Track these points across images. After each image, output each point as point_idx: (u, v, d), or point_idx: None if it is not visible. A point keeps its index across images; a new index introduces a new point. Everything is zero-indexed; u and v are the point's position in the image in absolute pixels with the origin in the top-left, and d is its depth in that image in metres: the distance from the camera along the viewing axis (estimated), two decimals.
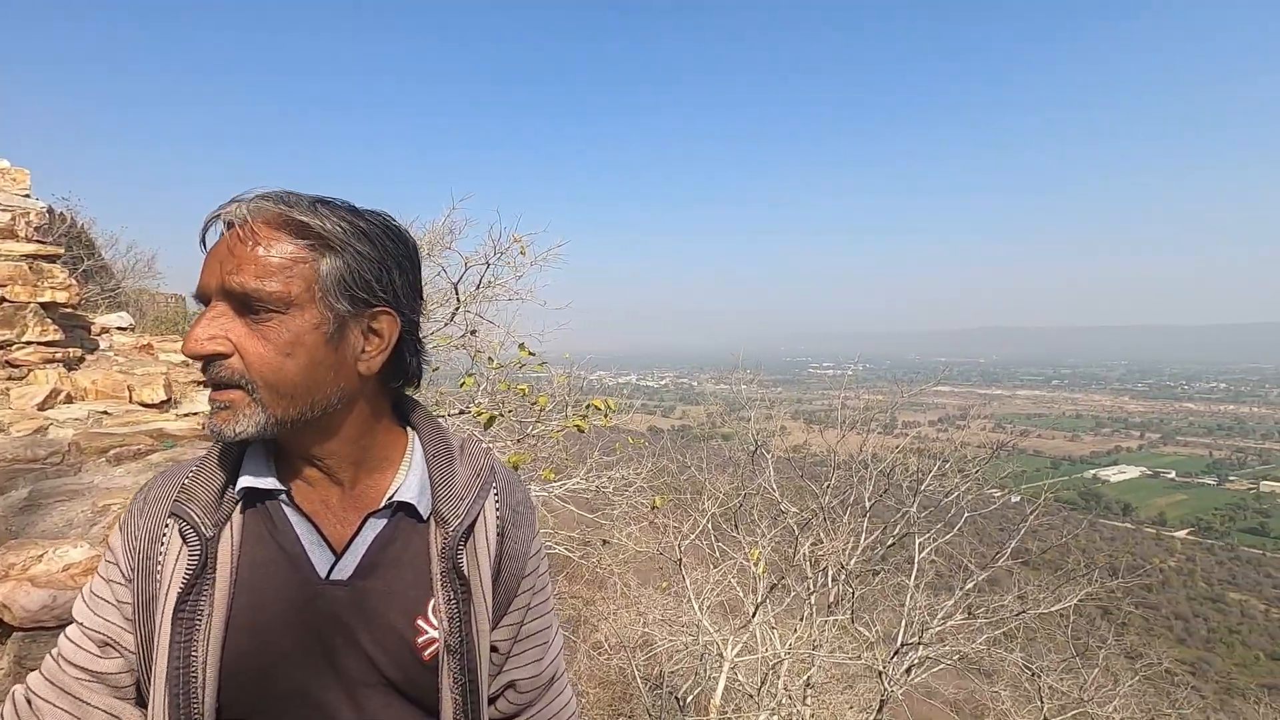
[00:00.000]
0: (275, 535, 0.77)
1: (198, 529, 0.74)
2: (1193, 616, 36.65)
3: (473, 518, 0.82)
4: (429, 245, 5.63)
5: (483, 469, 0.87)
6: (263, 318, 0.70)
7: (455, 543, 0.80)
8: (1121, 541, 43.37)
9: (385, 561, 0.79)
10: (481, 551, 0.83)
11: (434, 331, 5.03)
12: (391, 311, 0.77)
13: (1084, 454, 76.50)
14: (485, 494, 0.85)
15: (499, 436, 4.80)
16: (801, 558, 7.13)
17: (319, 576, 0.76)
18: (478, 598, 0.81)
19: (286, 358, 0.70)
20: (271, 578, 0.76)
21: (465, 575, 0.80)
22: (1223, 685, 26.06)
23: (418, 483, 0.81)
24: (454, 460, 0.86)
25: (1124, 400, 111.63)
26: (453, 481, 0.83)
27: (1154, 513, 55.66)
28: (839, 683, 7.63)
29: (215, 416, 0.72)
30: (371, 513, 0.79)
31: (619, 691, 7.74)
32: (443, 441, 0.87)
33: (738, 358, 9.73)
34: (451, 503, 0.82)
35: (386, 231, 0.77)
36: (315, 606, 0.76)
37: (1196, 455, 74.88)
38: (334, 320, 0.73)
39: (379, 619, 0.77)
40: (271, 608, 0.75)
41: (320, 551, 0.77)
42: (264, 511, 0.78)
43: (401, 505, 0.80)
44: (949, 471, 8.04)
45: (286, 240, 0.71)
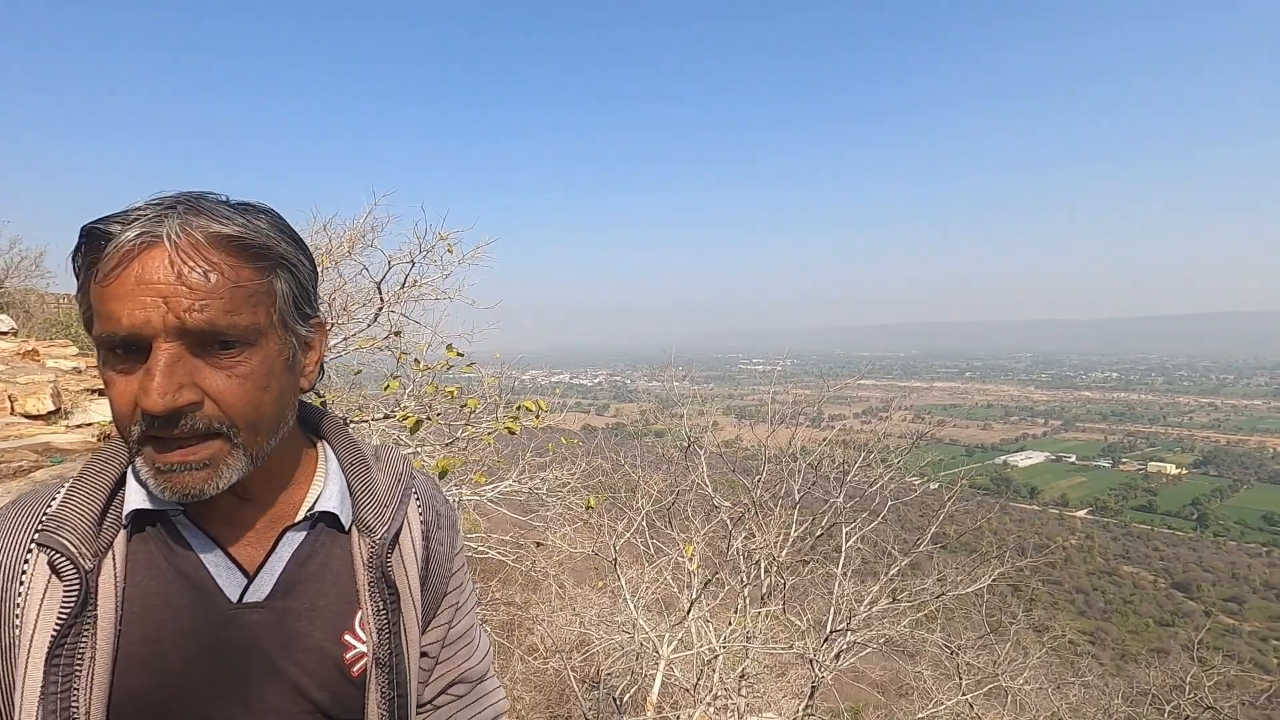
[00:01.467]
0: (173, 561, 0.69)
1: (74, 560, 0.65)
2: (1091, 590, 39.57)
3: (399, 524, 0.79)
4: (350, 243, 5.40)
5: (402, 474, 0.84)
6: (232, 354, 0.63)
7: (384, 551, 0.76)
8: (1029, 523, 46.32)
9: (306, 577, 0.74)
10: (409, 557, 0.80)
11: (356, 333, 4.84)
12: (322, 320, 0.75)
13: (995, 441, 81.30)
14: (408, 499, 0.82)
15: (426, 441, 4.65)
16: (735, 552, 7.26)
17: (229, 601, 0.70)
18: (407, 606, 0.78)
19: (264, 392, 0.66)
20: (170, 608, 0.68)
21: (395, 584, 0.77)
22: (1118, 652, 28.23)
23: (338, 492, 0.77)
24: (371, 467, 0.82)
25: (1030, 390, 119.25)
26: (374, 488, 0.80)
27: (1057, 495, 59.75)
28: (772, 672, 7.82)
29: (185, 479, 0.63)
30: (288, 527, 0.74)
31: (555, 694, 7.68)
32: (357, 449, 0.83)
33: (670, 355, 9.81)
34: (376, 510, 0.78)
35: (298, 234, 0.72)
36: (226, 635, 0.69)
37: (1093, 440, 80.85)
38: (294, 343, 0.69)
39: (302, 639, 0.72)
40: (172, 642, 0.67)
41: (229, 574, 0.71)
42: (157, 536, 0.70)
43: (322, 517, 0.76)
44: (873, 462, 8.36)
45: (244, 264, 0.63)
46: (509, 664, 6.85)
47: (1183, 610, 36.85)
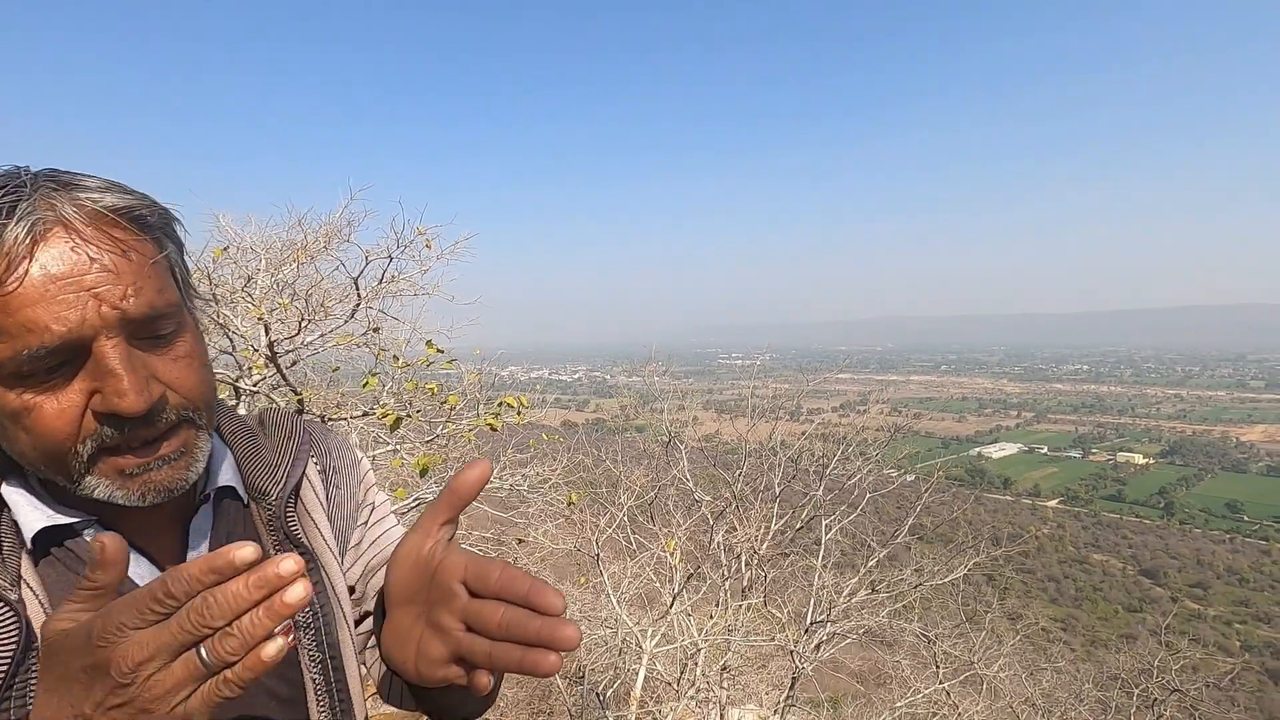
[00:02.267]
0: None
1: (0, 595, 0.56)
2: (1063, 578, 40.48)
3: (295, 480, 0.75)
4: (325, 238, 5.31)
5: (293, 431, 0.80)
6: (170, 335, 0.59)
7: (282, 512, 0.73)
8: (1003, 513, 47.23)
9: None
10: (315, 509, 0.77)
11: (333, 329, 4.76)
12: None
13: (970, 434, 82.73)
14: (303, 455, 0.78)
15: (407, 438, 4.61)
16: (716, 546, 7.30)
17: None
18: (326, 558, 0.76)
19: (206, 369, 0.62)
20: None
21: (301, 542, 0.73)
22: (1089, 638, 28.92)
23: (227, 465, 0.73)
24: (255, 433, 0.78)
25: (1003, 383, 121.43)
26: (260, 452, 0.76)
27: (1030, 485, 61.00)
28: (753, 664, 7.89)
29: (163, 475, 0.59)
30: (190, 516, 0.69)
31: (538, 690, 7.67)
32: (237, 418, 0.79)
33: (650, 350, 9.82)
34: (265, 472, 0.74)
35: None
36: None
37: (1065, 431, 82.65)
38: (196, 314, 0.65)
39: None
40: None
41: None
42: (66, 556, 0.61)
43: (221, 494, 0.72)
44: (852, 455, 8.46)
45: (144, 237, 0.58)
46: None
47: (1150, 596, 37.87)
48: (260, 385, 4.30)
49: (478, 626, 0.52)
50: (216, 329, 4.16)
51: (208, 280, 4.14)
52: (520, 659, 0.50)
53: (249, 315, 3.99)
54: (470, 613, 0.53)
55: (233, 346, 4.44)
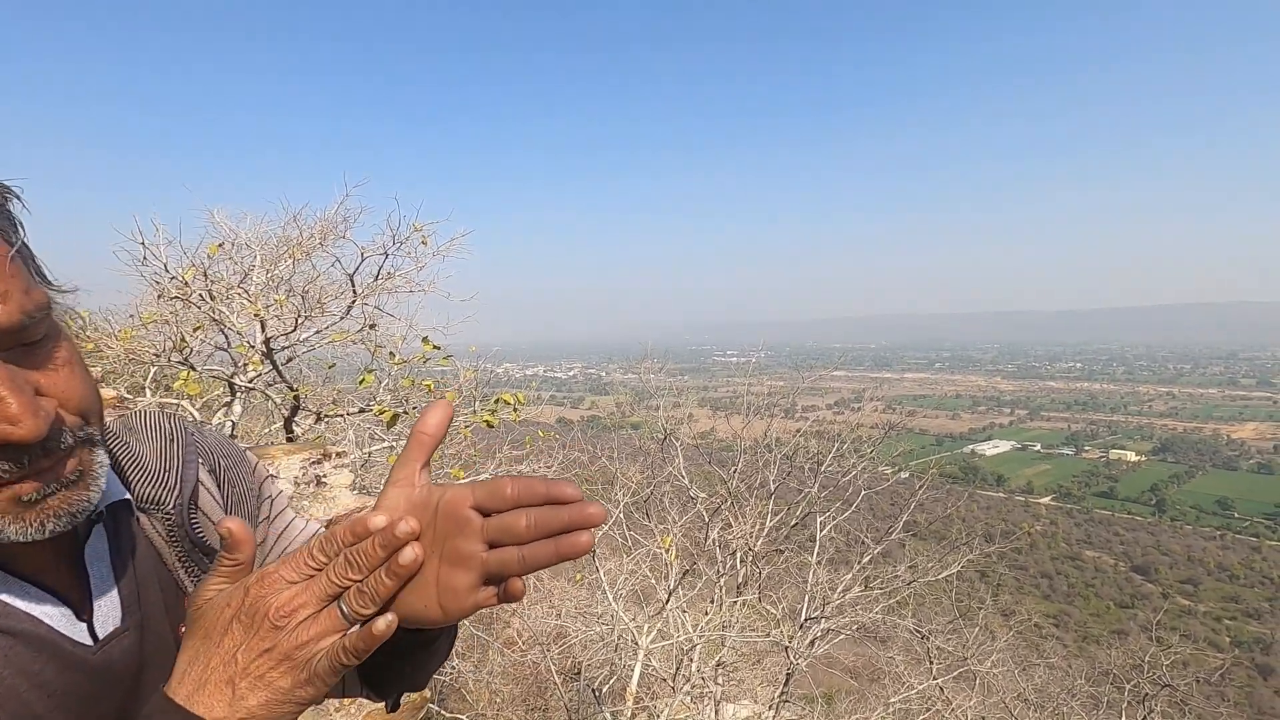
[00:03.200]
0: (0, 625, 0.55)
1: None
2: (1055, 574, 40.70)
3: (191, 484, 0.70)
4: (321, 234, 5.30)
5: (175, 432, 0.74)
6: (44, 344, 0.51)
7: (185, 519, 0.68)
8: (996, 510, 47.45)
9: (144, 578, 0.65)
10: (213, 512, 0.73)
11: (329, 326, 4.76)
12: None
13: (963, 431, 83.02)
14: (194, 457, 0.73)
15: (403, 435, 4.61)
16: (712, 543, 7.33)
17: (87, 647, 0.58)
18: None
19: (89, 375, 0.55)
20: (23, 673, 0.54)
21: (210, 548, 0.69)
22: (1080, 634, 29.13)
23: (110, 478, 0.64)
24: (128, 439, 0.71)
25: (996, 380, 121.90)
26: (142, 459, 0.69)
27: (1023, 482, 61.26)
28: (748, 660, 7.93)
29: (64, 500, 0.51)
30: (84, 542, 0.61)
31: (533, 686, 7.69)
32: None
33: (646, 348, 9.83)
34: (152, 479, 0.68)
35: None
36: (103, 679, 0.58)
37: (1058, 429, 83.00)
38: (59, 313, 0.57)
39: (164, 646, 0.63)
40: (44, 705, 0.54)
41: (65, 617, 0.58)
42: None
43: (113, 509, 0.64)
44: (846, 452, 8.49)
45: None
46: (487, 656, 6.84)
47: (1142, 593, 38.14)
48: (255, 382, 4.29)
49: (505, 538, 0.53)
50: (212, 325, 4.15)
51: (203, 276, 4.13)
52: (555, 548, 0.51)
53: (245, 311, 3.98)
54: (494, 528, 0.53)
55: (228, 343, 4.43)
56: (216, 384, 4.70)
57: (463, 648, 6.74)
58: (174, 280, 4.13)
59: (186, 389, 3.66)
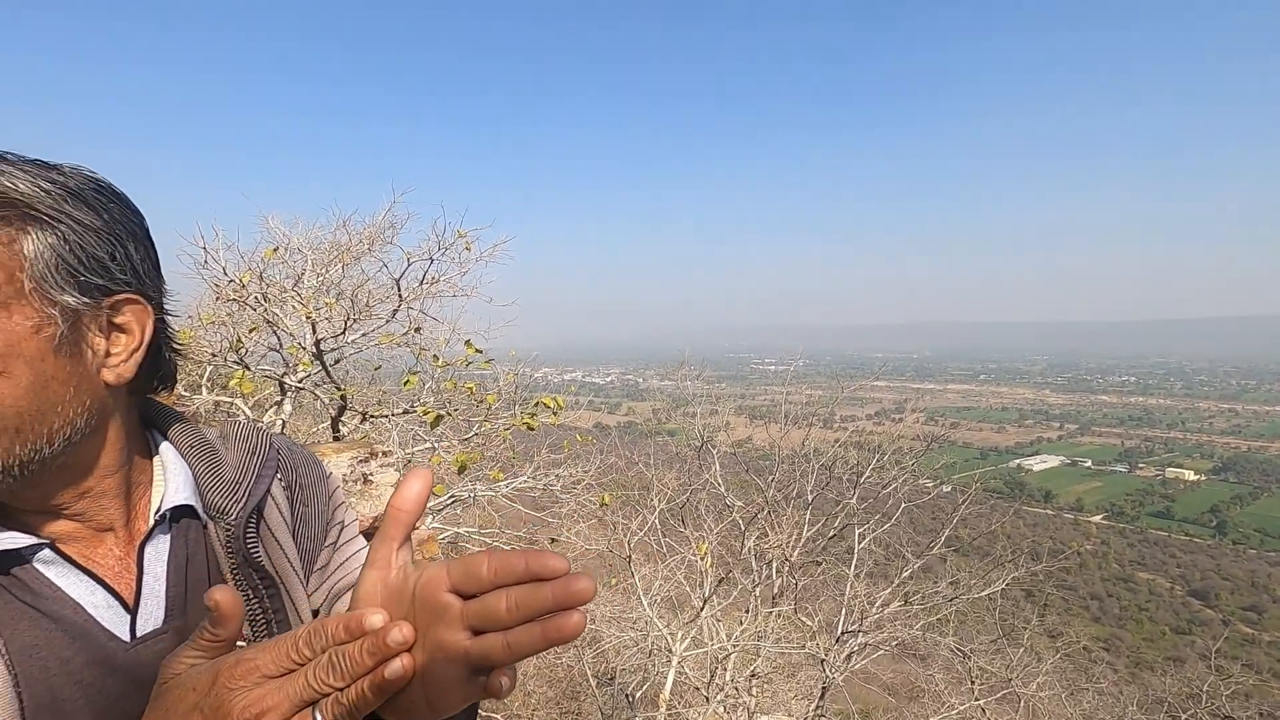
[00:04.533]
0: (44, 607, 0.57)
1: None
2: (1106, 596, 39.13)
3: (257, 499, 0.70)
4: (369, 240, 5.47)
5: (258, 446, 0.75)
6: None
7: (241, 532, 0.67)
8: (1043, 527, 45.89)
9: (194, 585, 0.66)
10: (279, 529, 0.72)
11: (375, 329, 4.89)
12: (139, 298, 0.60)
13: (1009, 444, 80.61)
14: (269, 471, 0.73)
15: (445, 436, 4.71)
16: (747, 551, 7.27)
17: (123, 643, 0.59)
18: (290, 582, 0.71)
19: (15, 391, 0.52)
20: (56, 660, 0.56)
21: (261, 566, 0.68)
22: (1133, 659, 27.93)
23: (184, 483, 0.67)
24: (217, 448, 0.73)
25: (1045, 393, 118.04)
26: (221, 469, 0.70)
27: (1072, 499, 59.14)
28: (782, 672, 7.83)
29: None
30: (144, 540, 0.63)
31: (566, 689, 7.72)
32: (195, 432, 0.73)
33: (683, 354, 9.83)
34: (224, 489, 0.69)
35: (104, 192, 0.59)
36: (131, 679, 0.59)
37: (1110, 444, 79.93)
38: (61, 318, 0.54)
39: None
40: (71, 697, 0.56)
41: (111, 611, 0.60)
42: (12, 581, 0.56)
43: (178, 514, 0.66)
44: (886, 464, 8.34)
45: None
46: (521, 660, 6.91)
47: (1200, 618, 36.39)
48: (305, 382, 4.44)
49: (486, 623, 0.46)
50: (266, 326, 4.31)
51: (259, 280, 4.29)
52: (542, 632, 0.44)
53: (297, 314, 4.13)
54: (472, 613, 0.46)
55: (280, 344, 4.59)
56: (268, 383, 4.87)
57: None
58: (231, 283, 4.30)
59: (241, 387, 3.81)
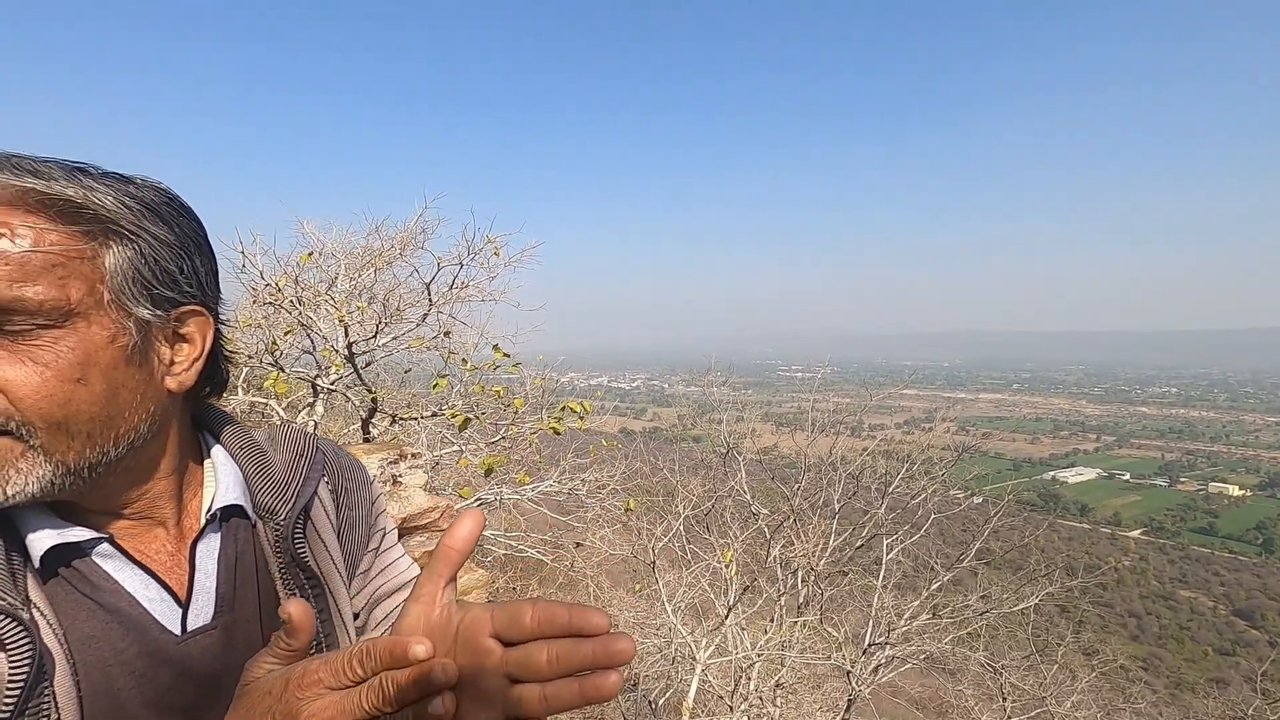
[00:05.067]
0: (101, 599, 0.59)
1: (13, 615, 0.53)
2: (1145, 614, 37.90)
3: (305, 500, 0.72)
4: (401, 245, 5.56)
5: (305, 448, 0.77)
6: (27, 335, 0.52)
7: (289, 533, 0.70)
8: (1079, 541, 44.68)
9: (241, 584, 0.68)
10: (326, 531, 0.74)
11: (406, 332, 4.97)
12: (203, 310, 0.64)
13: (1043, 456, 78.68)
14: (316, 474, 0.75)
15: (472, 439, 4.75)
16: (773, 560, 7.20)
17: (174, 636, 0.62)
18: (334, 584, 0.73)
19: (78, 385, 0.54)
20: (112, 650, 0.58)
21: (308, 566, 0.70)
22: (1173, 680, 27.02)
23: (234, 483, 0.70)
24: (266, 450, 0.75)
25: (1081, 404, 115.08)
26: (270, 469, 0.72)
27: (1109, 513, 57.46)
28: (808, 683, 7.73)
29: None
30: (196, 538, 0.66)
31: None
32: (245, 434, 0.75)
33: (710, 360, 9.81)
34: (273, 490, 0.71)
35: (175, 205, 0.62)
36: (180, 672, 0.61)
37: (1149, 457, 77.53)
38: (135, 329, 0.57)
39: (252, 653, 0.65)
40: (125, 686, 0.58)
41: (164, 605, 0.62)
42: (73, 574, 0.59)
43: (229, 513, 0.69)
44: (916, 474, 8.21)
45: (49, 226, 0.53)
46: None
47: (1245, 639, 35.04)
48: (337, 384, 4.52)
49: (526, 673, 0.47)
50: (300, 329, 4.40)
51: (294, 284, 4.40)
52: (580, 689, 0.45)
53: (330, 317, 4.21)
54: (513, 662, 0.47)
55: (313, 346, 4.69)
56: (302, 385, 4.97)
57: None
58: (267, 287, 4.41)
59: (276, 389, 3.90)
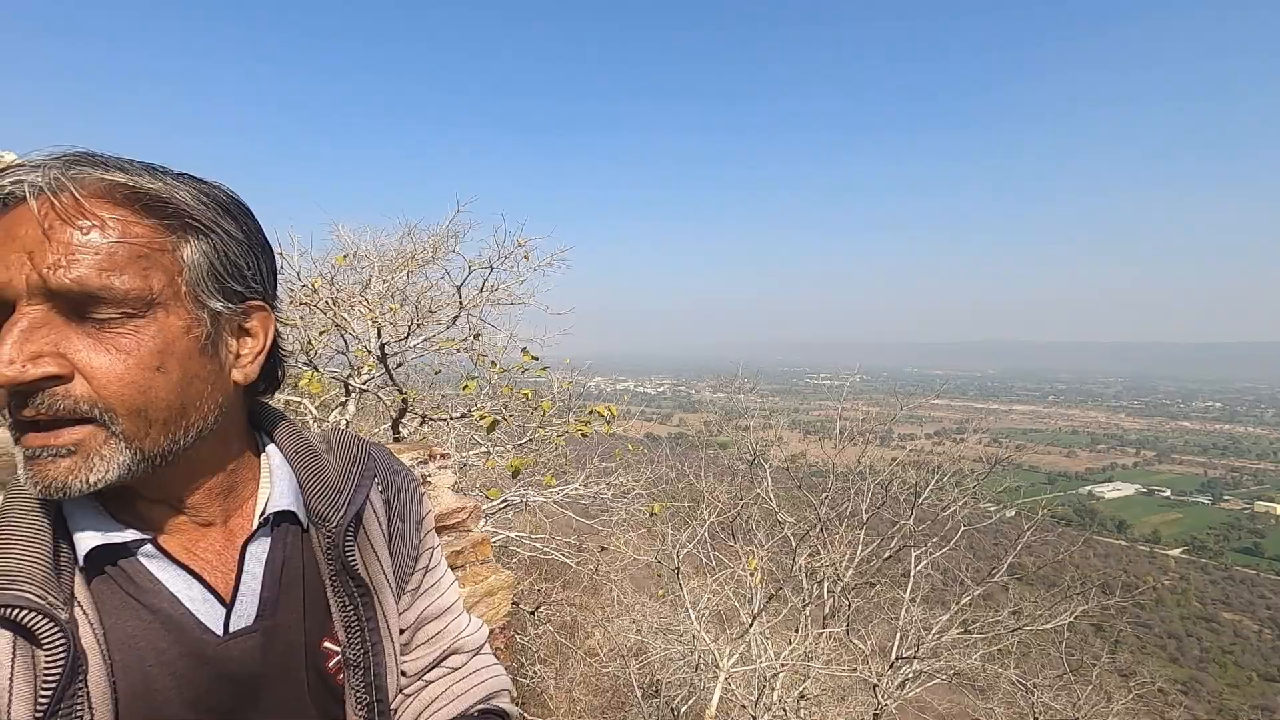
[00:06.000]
0: (143, 599, 0.59)
1: (47, 614, 0.53)
2: (1186, 635, 36.65)
3: (357, 506, 0.72)
4: (433, 248, 5.65)
5: (358, 454, 0.77)
6: (112, 324, 0.53)
7: (341, 540, 0.69)
8: (1116, 559, 43.42)
9: (286, 588, 0.67)
10: (377, 540, 0.74)
11: (436, 334, 5.04)
12: (265, 306, 0.65)
13: (1079, 470, 76.68)
14: (367, 480, 0.75)
15: (500, 441, 4.80)
16: (798, 569, 7.13)
17: (216, 636, 0.62)
18: (384, 593, 0.73)
19: (157, 373, 0.55)
20: (155, 653, 0.59)
21: (358, 574, 0.70)
22: (1215, 705, 26.04)
23: (289, 488, 0.70)
24: (320, 454, 0.74)
25: (1120, 417, 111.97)
26: (324, 475, 0.72)
27: (1148, 530, 55.75)
28: (832, 695, 7.62)
29: (49, 468, 0.53)
30: (248, 539, 0.66)
31: (612, 699, 7.71)
32: (301, 438, 0.75)
33: (737, 367, 9.77)
34: (328, 496, 0.71)
35: (241, 206, 0.64)
36: (219, 673, 0.61)
37: (1191, 473, 75.05)
38: (209, 321, 0.59)
39: (293, 658, 0.66)
40: (163, 686, 0.59)
41: (208, 605, 0.62)
42: (117, 573, 0.59)
43: (280, 518, 0.69)
44: (946, 485, 8.06)
45: (134, 219, 0.54)
46: (568, 665, 6.94)
47: None
48: (369, 384, 4.60)
49: None
50: (334, 330, 4.49)
51: (329, 285, 4.49)
52: None
53: (364, 318, 4.29)
54: None
55: (347, 346, 4.78)
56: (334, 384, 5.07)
57: (545, 653, 6.87)
58: (304, 288, 4.51)
59: (310, 388, 3.98)
